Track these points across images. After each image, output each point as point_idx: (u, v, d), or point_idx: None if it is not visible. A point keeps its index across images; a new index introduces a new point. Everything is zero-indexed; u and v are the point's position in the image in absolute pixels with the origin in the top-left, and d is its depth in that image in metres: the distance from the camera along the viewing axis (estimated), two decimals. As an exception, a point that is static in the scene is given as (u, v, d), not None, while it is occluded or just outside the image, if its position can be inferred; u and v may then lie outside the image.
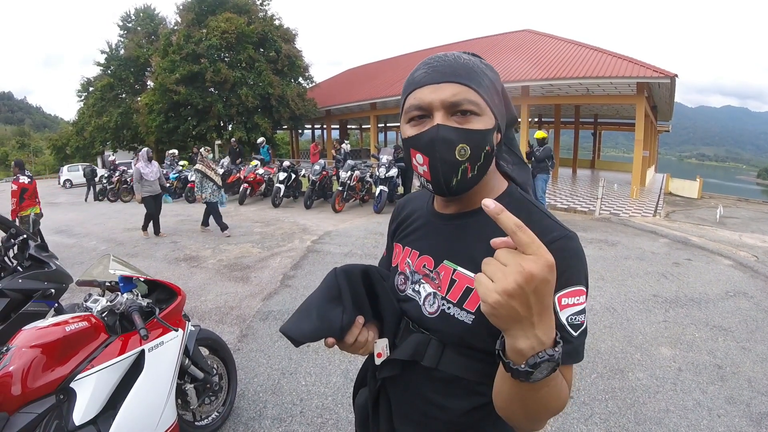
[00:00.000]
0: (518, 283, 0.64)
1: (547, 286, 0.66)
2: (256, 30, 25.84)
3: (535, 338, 0.68)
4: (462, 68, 0.91)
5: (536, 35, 23.82)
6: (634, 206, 13.00)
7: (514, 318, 0.67)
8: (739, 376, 3.71)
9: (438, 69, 0.91)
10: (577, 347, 0.85)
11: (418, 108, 0.91)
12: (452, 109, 0.89)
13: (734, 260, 7.39)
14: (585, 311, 0.86)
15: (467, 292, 0.93)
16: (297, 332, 0.95)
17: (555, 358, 0.69)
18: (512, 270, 0.65)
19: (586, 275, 0.89)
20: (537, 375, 0.70)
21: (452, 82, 0.89)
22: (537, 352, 0.69)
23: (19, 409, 1.72)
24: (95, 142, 33.08)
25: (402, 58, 32.04)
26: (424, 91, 0.90)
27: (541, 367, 0.69)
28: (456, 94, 0.88)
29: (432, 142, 0.89)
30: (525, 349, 0.69)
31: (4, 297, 2.85)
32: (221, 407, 3.03)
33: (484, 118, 0.90)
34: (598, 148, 32.72)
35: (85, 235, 9.81)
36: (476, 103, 0.89)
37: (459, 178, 0.91)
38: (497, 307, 0.66)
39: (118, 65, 32.33)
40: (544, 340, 0.69)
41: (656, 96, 18.89)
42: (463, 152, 0.88)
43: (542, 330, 0.68)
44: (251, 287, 5.89)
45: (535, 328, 0.68)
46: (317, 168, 13.00)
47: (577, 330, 0.84)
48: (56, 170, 33.80)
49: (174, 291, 2.64)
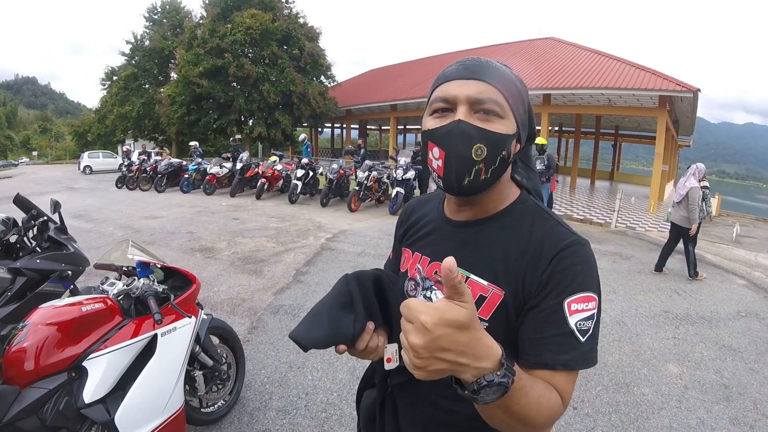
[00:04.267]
0: (423, 343, 0.67)
1: (457, 333, 0.67)
2: (280, 27, 26.00)
3: (475, 369, 0.70)
4: (492, 70, 0.92)
5: (560, 43, 23.68)
6: (651, 220, 12.87)
7: (440, 370, 0.69)
8: (745, 398, 3.67)
9: (469, 67, 0.92)
10: (585, 353, 0.85)
11: (444, 100, 0.92)
12: (476, 106, 0.89)
13: (748, 280, 7.31)
14: (594, 318, 0.86)
15: (480, 300, 0.94)
16: (307, 339, 0.94)
17: (495, 382, 0.70)
18: (412, 332, 0.68)
19: (597, 282, 0.90)
20: (484, 398, 0.71)
21: (480, 80, 0.90)
22: (477, 378, 0.70)
23: (30, 384, 1.76)
24: (117, 131, 33.56)
25: (425, 61, 32.01)
26: (452, 84, 0.92)
27: (483, 391, 0.70)
28: (482, 92, 0.89)
29: (451, 136, 0.89)
30: (468, 379, 0.71)
31: (22, 276, 2.92)
32: (228, 396, 3.07)
33: (506, 122, 0.91)
34: (617, 159, 32.45)
35: (103, 221, 9.93)
36: (500, 104, 0.90)
37: (471, 178, 0.91)
38: (422, 370, 0.69)
39: (143, 56, 32.80)
40: (486, 365, 0.70)
41: (678, 110, 18.69)
42: (480, 152, 0.88)
43: (476, 361, 0.69)
44: (264, 281, 5.94)
45: (469, 360, 0.69)
46: (335, 167, 13.06)
47: (585, 336, 0.85)
48: (77, 156, 34.21)
49: (189, 279, 2.68)
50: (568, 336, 0.85)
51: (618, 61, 18.18)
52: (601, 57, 19.31)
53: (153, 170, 15.92)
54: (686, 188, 6.79)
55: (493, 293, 0.93)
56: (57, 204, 3.17)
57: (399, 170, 11.95)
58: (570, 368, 0.85)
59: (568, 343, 0.85)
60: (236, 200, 13.57)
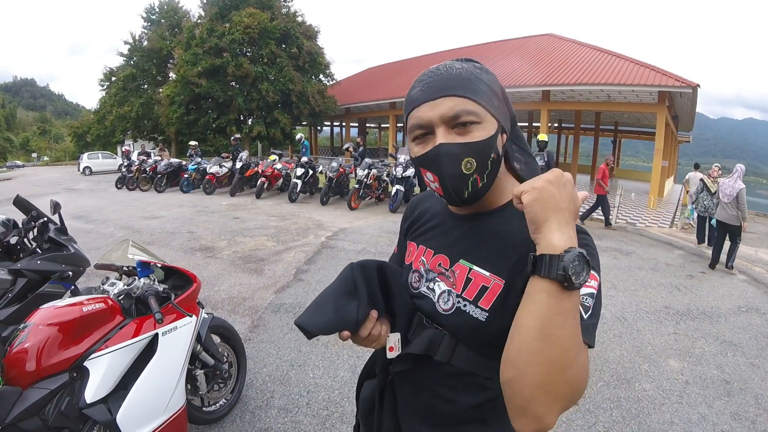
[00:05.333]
0: (554, 175, 0.79)
1: (573, 188, 0.79)
2: (278, 26, 25.96)
3: (568, 235, 0.75)
4: (456, 80, 0.91)
5: (559, 40, 23.63)
6: (651, 216, 12.89)
7: (553, 205, 0.76)
8: (746, 393, 3.68)
9: (432, 85, 0.92)
10: (587, 326, 0.82)
11: (420, 127, 0.93)
12: (452, 122, 0.90)
13: (749, 275, 7.32)
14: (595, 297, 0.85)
15: (482, 291, 0.95)
16: (312, 325, 0.96)
17: (587, 258, 0.74)
18: (545, 174, 0.80)
19: (598, 265, 0.90)
20: (573, 268, 0.72)
21: (448, 95, 0.90)
22: (570, 246, 0.74)
23: (32, 385, 1.77)
24: (116, 131, 33.55)
25: (423, 58, 31.94)
26: (423, 108, 0.92)
27: (575, 262, 0.72)
28: (452, 108, 0.89)
29: (437, 160, 0.91)
30: (560, 244, 0.74)
31: (23, 277, 2.92)
32: (229, 395, 3.08)
33: (486, 125, 0.91)
34: (617, 156, 32.42)
35: (103, 221, 9.93)
36: (475, 112, 0.90)
37: (470, 190, 0.92)
38: (542, 190, 0.77)
39: (141, 56, 32.80)
40: (575, 240, 0.76)
41: (677, 105, 18.67)
42: (470, 165, 0.90)
43: (572, 230, 0.77)
44: (264, 279, 5.95)
45: (569, 225, 0.77)
46: (334, 165, 13.08)
47: (587, 312, 0.83)
48: (76, 157, 34.22)
49: (190, 278, 2.69)
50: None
51: (617, 57, 18.16)
52: (600, 53, 19.26)
53: (153, 170, 15.92)
54: (736, 189, 7.36)
55: (495, 283, 0.94)
56: (57, 205, 3.18)
57: (399, 168, 11.93)
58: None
59: None
60: (236, 199, 13.58)
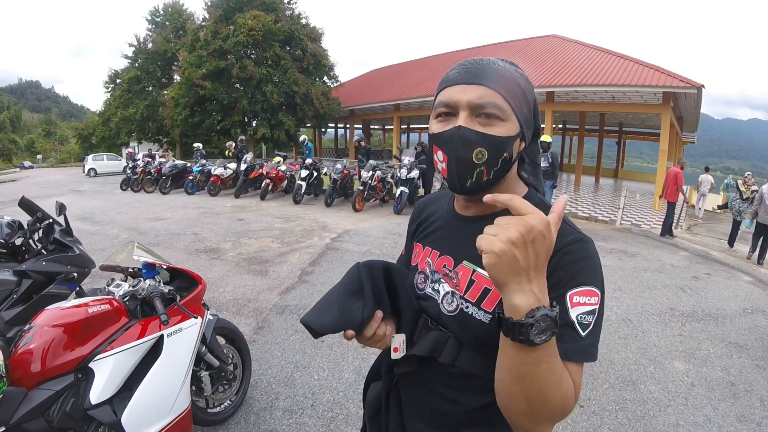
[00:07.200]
0: (520, 232, 0.70)
1: (544, 241, 0.72)
2: (282, 28, 26.08)
3: (532, 294, 0.72)
4: (493, 73, 0.93)
5: (563, 41, 23.65)
6: (656, 218, 12.83)
7: (514, 269, 0.71)
8: (751, 395, 3.66)
9: (471, 71, 0.93)
10: (586, 347, 0.85)
11: (446, 105, 0.94)
12: (477, 111, 0.91)
13: (754, 277, 7.28)
14: (596, 313, 0.86)
15: (485, 293, 0.96)
16: (317, 324, 0.96)
17: (552, 316, 0.72)
18: (514, 224, 0.72)
19: (601, 279, 0.90)
20: (536, 332, 0.72)
21: (481, 84, 0.91)
22: (534, 307, 0.72)
23: (37, 385, 1.77)
24: (121, 133, 33.69)
25: (427, 60, 31.99)
26: (454, 89, 0.93)
27: (538, 324, 0.71)
28: (482, 97, 0.90)
29: (451, 141, 0.92)
30: (522, 306, 0.72)
31: (28, 278, 2.93)
32: (234, 396, 3.08)
33: (508, 125, 0.92)
34: (622, 157, 32.34)
35: (108, 223, 9.96)
36: (501, 107, 0.91)
37: (474, 180, 0.93)
38: (501, 256, 0.71)
39: (146, 59, 32.95)
40: (540, 298, 0.73)
41: (682, 106, 18.63)
42: (481, 156, 0.91)
43: (537, 287, 0.73)
44: (269, 281, 5.95)
45: (531, 284, 0.72)
46: (339, 167, 13.08)
47: (585, 330, 0.85)
48: (81, 159, 34.35)
49: (195, 280, 2.68)
50: (568, 327, 0.85)
51: (621, 58, 18.12)
52: (604, 54, 19.24)
53: (157, 172, 15.99)
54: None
55: None
56: (62, 206, 3.19)
57: (403, 170, 11.91)
58: (567, 358, 0.83)
59: (566, 334, 0.84)
60: (241, 201, 13.58)
